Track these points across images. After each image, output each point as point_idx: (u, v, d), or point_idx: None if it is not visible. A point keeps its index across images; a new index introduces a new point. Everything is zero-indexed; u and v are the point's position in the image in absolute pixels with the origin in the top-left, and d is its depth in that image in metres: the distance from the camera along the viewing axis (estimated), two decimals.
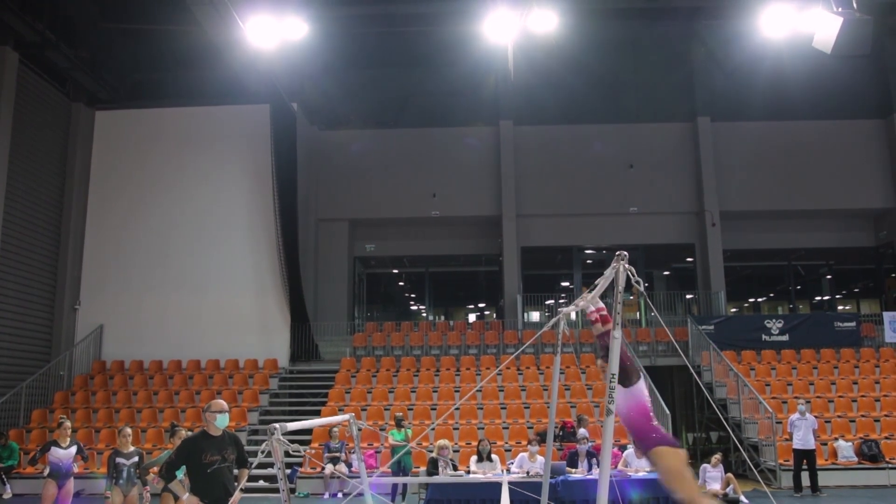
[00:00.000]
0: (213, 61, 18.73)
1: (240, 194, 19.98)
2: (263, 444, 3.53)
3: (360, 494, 5.50)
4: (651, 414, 4.76)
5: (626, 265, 3.47)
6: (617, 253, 3.51)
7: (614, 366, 3.51)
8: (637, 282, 3.51)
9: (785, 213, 21.93)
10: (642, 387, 4.71)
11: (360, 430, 14.83)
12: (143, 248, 19.70)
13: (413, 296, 25.98)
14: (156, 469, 8.25)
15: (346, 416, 5.68)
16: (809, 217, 22.14)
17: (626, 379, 4.52)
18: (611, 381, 3.49)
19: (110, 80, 20.36)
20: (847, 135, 21.93)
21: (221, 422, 5.89)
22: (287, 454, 3.62)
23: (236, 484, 5.85)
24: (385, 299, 25.99)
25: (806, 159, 21.72)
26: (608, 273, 3.59)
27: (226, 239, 19.75)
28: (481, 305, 26.25)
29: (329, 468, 13.91)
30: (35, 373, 17.61)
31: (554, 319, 5.62)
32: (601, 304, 4.84)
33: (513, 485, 8.19)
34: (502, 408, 16.32)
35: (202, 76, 20.37)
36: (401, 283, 26.12)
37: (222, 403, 6.12)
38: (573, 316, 22.79)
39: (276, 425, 3.51)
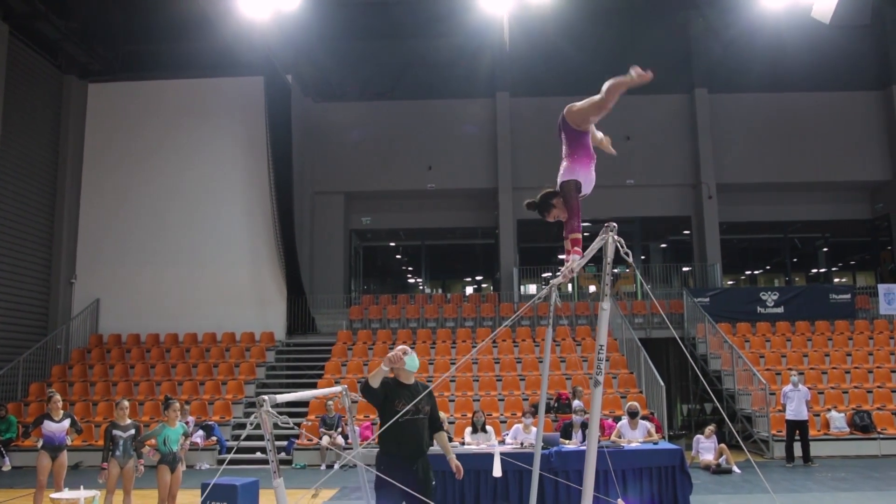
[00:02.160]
0: (207, 32, 18.57)
1: (235, 167, 19.89)
2: (252, 416, 3.52)
3: (354, 465, 5.57)
4: (572, 145, 5.24)
5: (616, 236, 3.44)
6: (605, 224, 3.49)
7: (602, 337, 3.50)
8: (626, 253, 3.49)
9: (782, 186, 21.90)
10: (569, 170, 5.17)
11: (354, 402, 14.95)
12: (139, 222, 19.65)
13: (410, 269, 26.00)
14: (152, 441, 8.29)
15: (339, 388, 5.67)
16: (806, 189, 22.11)
17: (572, 195, 4.96)
18: (599, 353, 3.49)
19: (103, 51, 20.14)
20: (845, 106, 21.82)
21: (412, 363, 5.40)
22: (276, 426, 3.61)
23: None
24: (382, 272, 26.02)
25: (803, 131, 21.64)
26: (596, 244, 3.57)
27: (222, 212, 19.70)
28: (478, 278, 26.29)
29: (325, 440, 14.00)
30: (32, 347, 17.65)
31: (545, 291, 5.61)
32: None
33: (506, 455, 8.24)
34: (498, 380, 16.40)
35: (196, 48, 20.14)
36: (397, 256, 26.13)
37: (405, 346, 5.56)
38: (570, 288, 22.76)
39: (265, 397, 3.51)
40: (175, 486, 8.00)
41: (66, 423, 9.35)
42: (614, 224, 3.52)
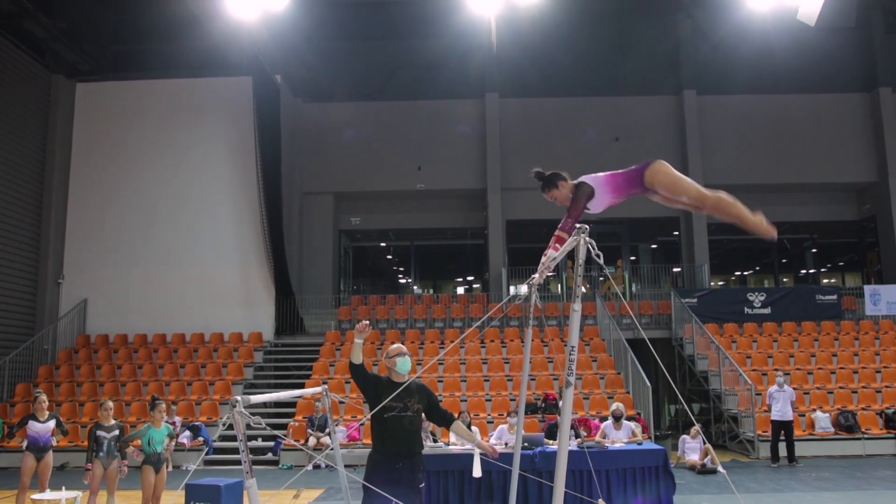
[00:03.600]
0: (195, 32, 18.56)
1: (223, 167, 19.86)
2: (225, 417, 3.53)
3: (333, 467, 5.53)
4: (615, 173, 4.85)
5: (587, 238, 3.47)
6: (577, 226, 3.52)
7: (574, 338, 3.53)
8: (597, 255, 3.52)
9: (770, 187, 21.98)
10: (594, 179, 4.78)
11: (342, 401, 14.95)
12: (127, 222, 19.59)
13: (400, 269, 26.00)
14: (136, 442, 8.28)
15: (319, 388, 5.68)
16: (794, 191, 22.22)
17: (581, 198, 4.69)
18: (570, 354, 3.52)
19: (90, 51, 20.07)
20: (832, 108, 21.94)
21: (403, 366, 5.38)
22: (249, 426, 3.63)
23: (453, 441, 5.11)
24: (371, 273, 26.01)
25: (791, 133, 21.74)
26: (567, 245, 3.59)
27: (210, 212, 19.67)
28: (469, 278, 26.30)
29: (311, 441, 14.01)
30: (18, 347, 17.58)
31: (523, 290, 5.63)
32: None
33: (488, 456, 8.26)
34: (486, 380, 16.44)
35: (184, 47, 20.12)
36: (387, 257, 26.12)
37: (401, 347, 5.59)
38: (559, 289, 22.61)
39: (238, 398, 3.53)
40: (159, 488, 8.00)
41: (52, 423, 9.34)
42: (586, 226, 3.54)
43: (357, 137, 21.95)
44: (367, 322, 5.34)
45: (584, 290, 3.58)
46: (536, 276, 4.74)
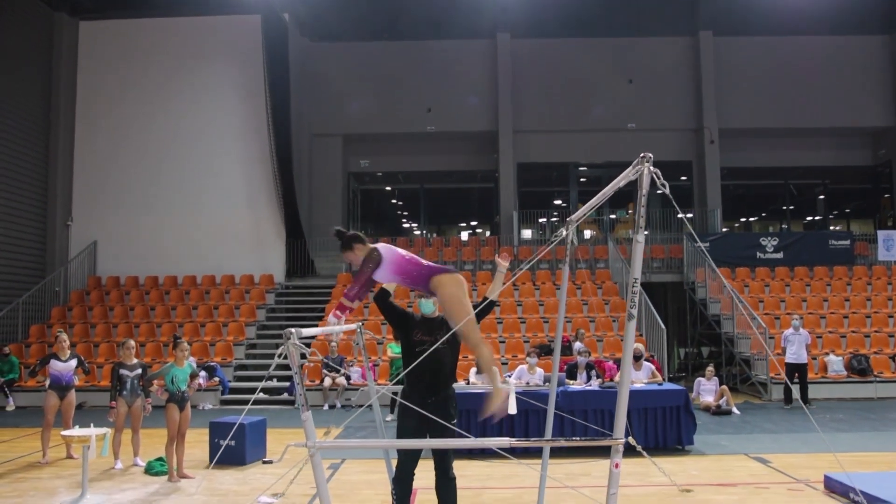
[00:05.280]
0: None
1: (233, 108, 19.56)
2: (280, 349, 3.46)
3: (360, 405, 5.47)
4: (416, 258, 4.68)
5: (652, 167, 3.35)
6: (641, 154, 3.38)
7: (636, 270, 3.43)
8: (663, 185, 3.40)
9: (784, 131, 21.73)
10: (389, 250, 4.64)
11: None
12: (136, 164, 19.39)
13: (406, 213, 25.85)
14: (160, 381, 8.28)
15: (354, 326, 5.61)
16: (808, 135, 21.95)
17: (367, 264, 4.56)
18: (633, 286, 3.42)
19: None
20: (850, 51, 21.53)
21: (425, 307, 5.31)
22: (303, 356, 3.57)
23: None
24: (379, 216, 25.87)
25: (808, 76, 21.37)
26: (627, 173, 3.45)
27: (220, 153, 19.44)
28: (473, 223, 26.19)
29: (327, 381, 14.08)
30: (31, 289, 17.58)
31: (563, 233, 5.51)
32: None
33: (517, 394, 8.30)
34: (499, 322, 16.46)
35: None
36: (395, 201, 25.95)
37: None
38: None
39: (293, 330, 3.44)
40: (184, 425, 8.02)
41: (73, 362, 9.36)
42: (650, 154, 3.39)
43: (366, 79, 21.58)
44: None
45: (643, 222, 3.46)
46: (576, 214, 4.65)
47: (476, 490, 7.34)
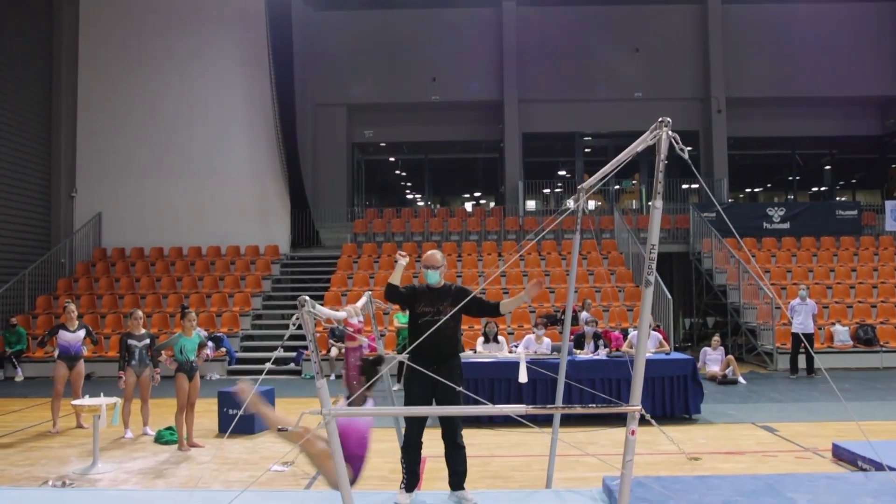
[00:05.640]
0: None
1: (236, 78, 19.42)
2: (294, 317, 3.45)
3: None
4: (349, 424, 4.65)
5: (671, 132, 3.29)
6: (660, 119, 3.32)
7: (654, 236, 3.39)
8: (682, 150, 3.34)
9: (791, 101, 21.50)
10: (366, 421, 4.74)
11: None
12: (139, 135, 19.29)
13: (410, 184, 25.75)
14: (169, 351, 8.30)
15: (364, 299, 5.61)
16: (816, 104, 21.74)
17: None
18: (651, 252, 3.38)
19: None
20: (859, 19, 21.25)
21: (431, 278, 5.42)
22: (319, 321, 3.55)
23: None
24: (383, 187, 25.76)
25: (816, 44, 21.11)
26: (645, 137, 3.39)
27: (224, 124, 19.33)
28: (477, 195, 26.08)
29: (334, 351, 14.13)
30: (36, 260, 17.58)
31: (576, 203, 5.46)
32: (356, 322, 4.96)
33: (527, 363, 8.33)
34: (504, 292, 16.43)
35: None
36: (399, 171, 25.83)
37: (434, 256, 5.50)
38: (572, 203, 22.61)
39: (307, 297, 3.42)
40: (193, 395, 8.05)
41: (82, 333, 9.38)
42: (668, 119, 3.33)
43: (370, 47, 21.36)
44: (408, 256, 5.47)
45: (661, 188, 3.41)
46: (588, 182, 4.61)
47: (485, 458, 7.37)
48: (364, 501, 5.14)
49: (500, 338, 10.73)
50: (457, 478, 5.37)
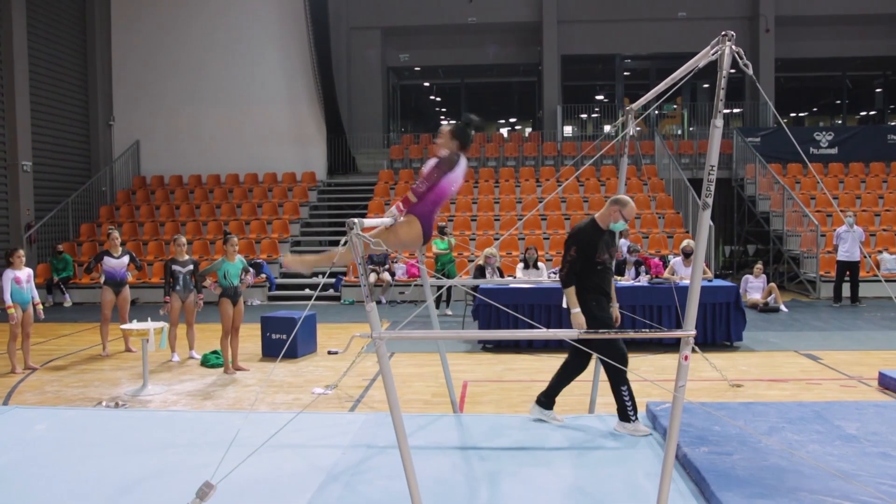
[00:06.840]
0: None
1: (271, 2, 19.07)
2: (343, 239, 3.42)
3: (401, 302, 5.49)
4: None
5: (734, 46, 3.11)
6: (724, 33, 3.14)
7: (713, 157, 3.25)
8: (746, 65, 3.17)
9: (843, 19, 20.50)
10: (463, 169, 4.52)
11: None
12: (175, 63, 19.16)
13: (446, 109, 25.37)
14: (213, 276, 8.39)
15: (402, 219, 5.53)
16: (868, 22, 20.68)
17: (442, 165, 4.40)
18: (710, 174, 3.26)
19: None
20: None
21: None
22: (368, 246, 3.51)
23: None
24: (418, 112, 25.45)
25: None
26: (706, 51, 3.21)
27: (259, 48, 19.10)
28: (513, 120, 25.64)
29: (372, 277, 14.21)
30: (78, 189, 17.81)
31: (625, 126, 5.28)
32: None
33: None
34: (542, 219, 16.32)
35: None
36: (434, 97, 25.44)
37: (628, 205, 5.07)
38: (606, 128, 22.07)
39: (355, 220, 3.38)
40: (237, 319, 8.16)
41: (126, 259, 9.51)
42: (732, 32, 3.15)
43: None
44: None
45: (722, 106, 3.25)
46: (639, 102, 4.42)
47: (526, 383, 7.42)
48: (410, 424, 5.18)
49: (539, 264, 10.67)
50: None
